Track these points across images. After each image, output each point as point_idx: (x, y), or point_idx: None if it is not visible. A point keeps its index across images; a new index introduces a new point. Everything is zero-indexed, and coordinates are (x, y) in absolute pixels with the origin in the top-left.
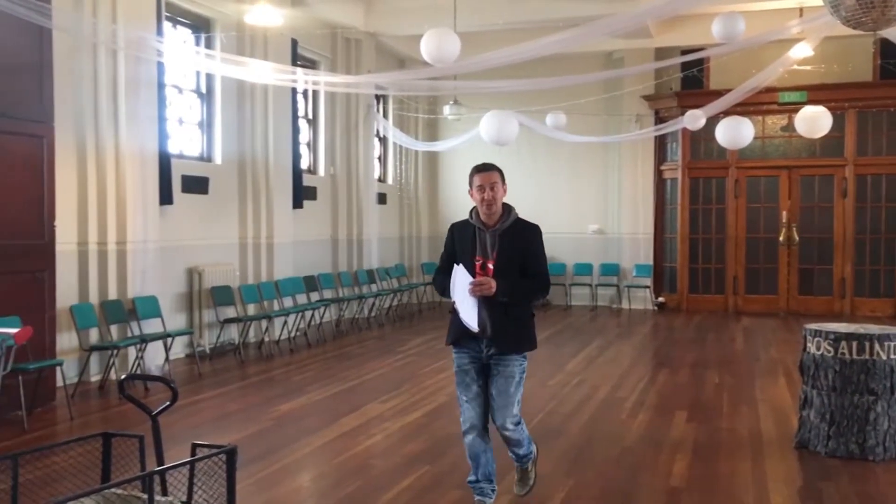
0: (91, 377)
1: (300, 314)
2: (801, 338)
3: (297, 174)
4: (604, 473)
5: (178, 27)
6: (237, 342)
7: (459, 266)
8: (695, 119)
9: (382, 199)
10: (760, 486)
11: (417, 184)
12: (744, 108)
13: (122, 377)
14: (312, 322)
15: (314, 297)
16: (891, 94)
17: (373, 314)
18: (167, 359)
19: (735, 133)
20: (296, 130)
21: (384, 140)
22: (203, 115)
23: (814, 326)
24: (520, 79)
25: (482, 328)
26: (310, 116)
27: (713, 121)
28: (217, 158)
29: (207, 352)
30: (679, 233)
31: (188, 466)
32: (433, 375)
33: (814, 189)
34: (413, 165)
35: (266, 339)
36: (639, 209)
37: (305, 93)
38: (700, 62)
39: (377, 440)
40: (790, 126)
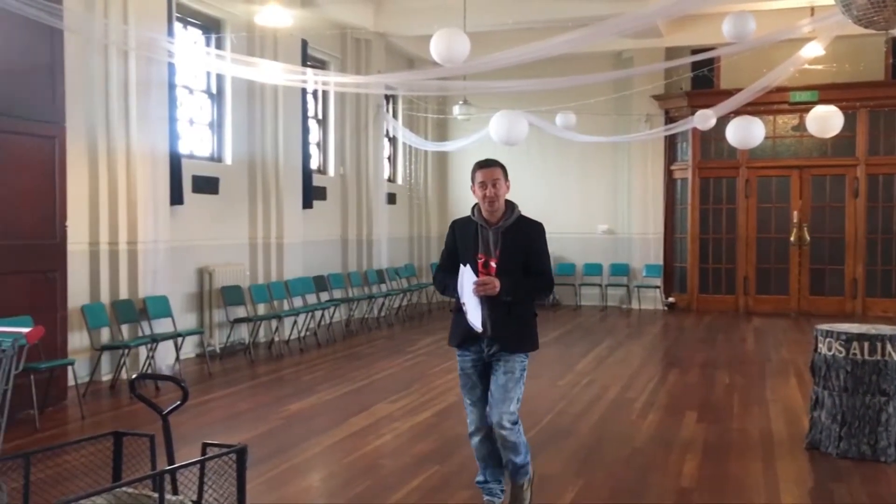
0: (102, 376)
1: (310, 314)
2: (813, 338)
3: (307, 174)
4: (614, 474)
5: (189, 28)
6: (247, 342)
7: (467, 267)
8: (705, 119)
9: (392, 199)
10: (771, 487)
11: (427, 184)
12: (754, 108)
13: (133, 377)
14: (322, 322)
15: (324, 297)
16: None
17: (382, 314)
18: (178, 358)
19: (746, 133)
20: (306, 131)
21: (394, 140)
22: (213, 116)
23: (825, 327)
24: (529, 79)
25: (483, 328)
26: (320, 117)
27: (724, 120)
28: (227, 159)
29: (218, 351)
30: (689, 233)
31: (199, 465)
32: (442, 375)
33: (825, 189)
34: (423, 165)
35: (276, 339)
36: (649, 209)
37: (315, 93)
38: (710, 62)
39: (386, 440)
40: (801, 126)
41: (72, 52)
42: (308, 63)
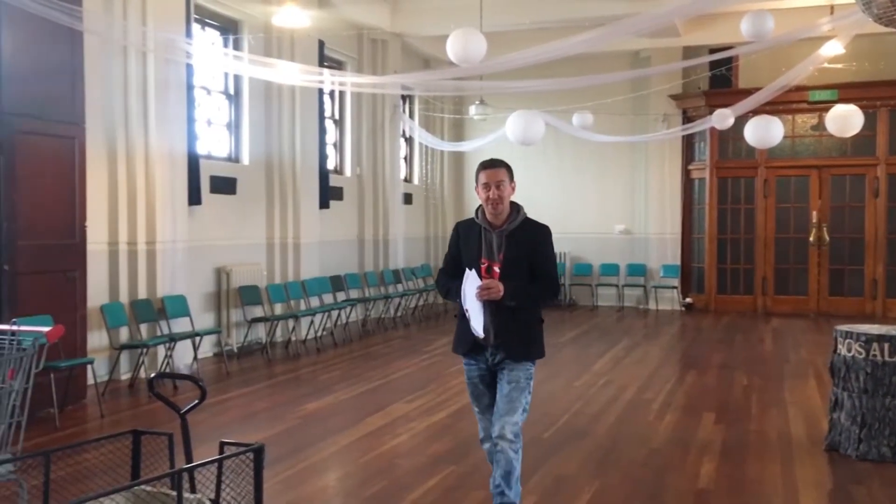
0: (121, 375)
1: (327, 314)
2: (832, 339)
3: (324, 174)
4: (630, 475)
5: (207, 29)
6: (264, 341)
7: (472, 271)
8: (723, 118)
9: (408, 200)
10: (790, 490)
11: (443, 184)
12: (773, 107)
13: (152, 376)
14: (339, 322)
15: (340, 297)
16: None
17: (399, 314)
18: (195, 358)
19: (764, 132)
20: (322, 131)
21: (410, 140)
22: (231, 116)
23: (845, 328)
24: (546, 78)
25: (486, 334)
26: (336, 117)
27: (742, 120)
28: (245, 159)
29: (235, 351)
30: (707, 233)
31: (216, 464)
32: (458, 376)
33: (845, 189)
34: (439, 165)
35: (293, 339)
36: (666, 209)
37: (332, 93)
38: (729, 61)
39: (403, 440)
40: (820, 125)
41: (91, 54)
42: (325, 63)
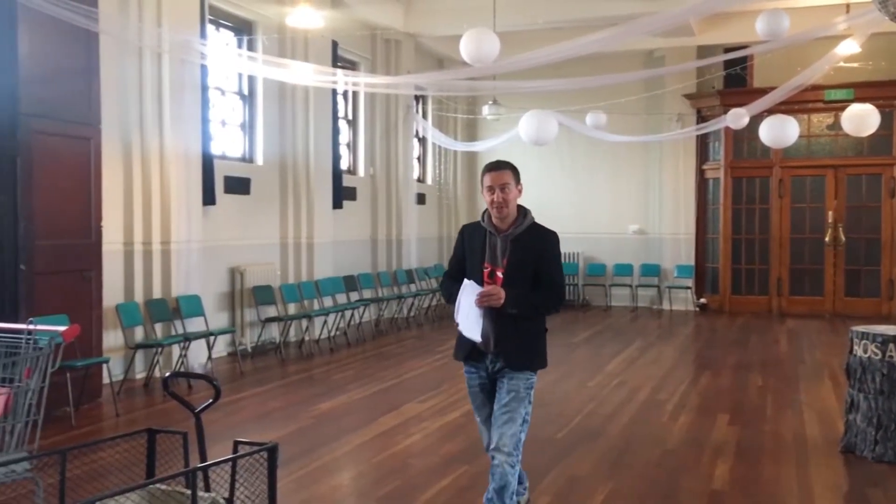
0: (136, 374)
1: (340, 314)
2: (848, 340)
3: (338, 175)
4: (644, 475)
5: (221, 30)
6: (278, 341)
7: (470, 282)
8: (738, 118)
9: (421, 200)
10: (805, 491)
11: (456, 184)
12: (788, 107)
13: (167, 375)
14: (352, 321)
15: (354, 297)
16: None
17: (412, 314)
18: (210, 357)
19: (779, 132)
20: (336, 131)
21: (423, 140)
22: (245, 117)
23: (861, 328)
24: (559, 78)
25: (485, 341)
26: (350, 117)
27: (756, 119)
28: (259, 159)
29: (249, 350)
30: (721, 233)
31: (230, 463)
32: None
33: (861, 188)
34: (452, 166)
35: (306, 339)
36: (680, 209)
37: (345, 94)
38: (743, 60)
39: (416, 440)
40: (836, 124)
41: (107, 55)
42: (338, 64)
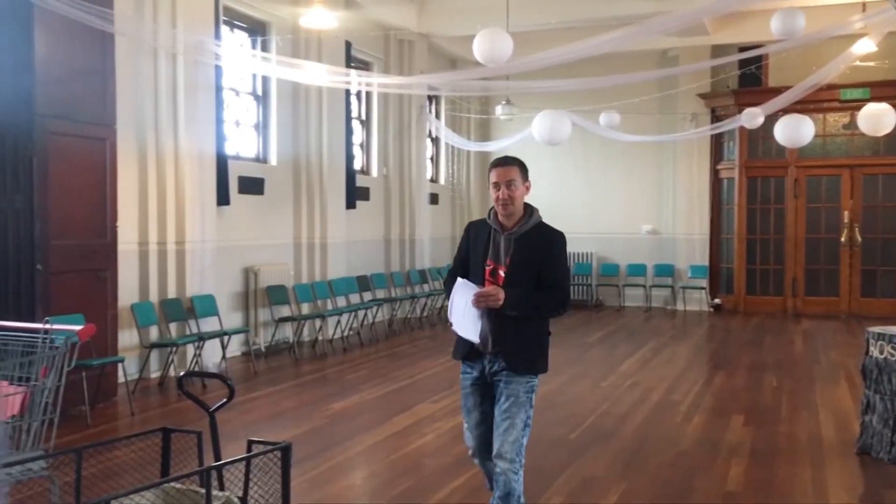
0: (151, 374)
1: (353, 314)
2: (864, 341)
3: (351, 175)
4: (658, 476)
5: (236, 31)
6: (292, 341)
7: (464, 280)
8: (753, 117)
9: (434, 200)
10: (820, 493)
11: (469, 184)
12: (803, 106)
13: (181, 374)
14: (365, 321)
15: (367, 297)
16: None
17: (425, 314)
18: (224, 356)
19: (795, 131)
20: (349, 131)
21: (436, 140)
22: (259, 117)
23: (877, 329)
24: (572, 78)
25: (484, 341)
26: (363, 118)
27: (771, 119)
28: (272, 160)
29: (263, 350)
30: (736, 233)
31: (244, 462)
32: None
33: (877, 188)
34: (465, 166)
35: (320, 338)
36: (694, 209)
37: (359, 94)
38: (758, 59)
39: (429, 440)
40: (852, 124)
41: (122, 56)
42: (351, 64)
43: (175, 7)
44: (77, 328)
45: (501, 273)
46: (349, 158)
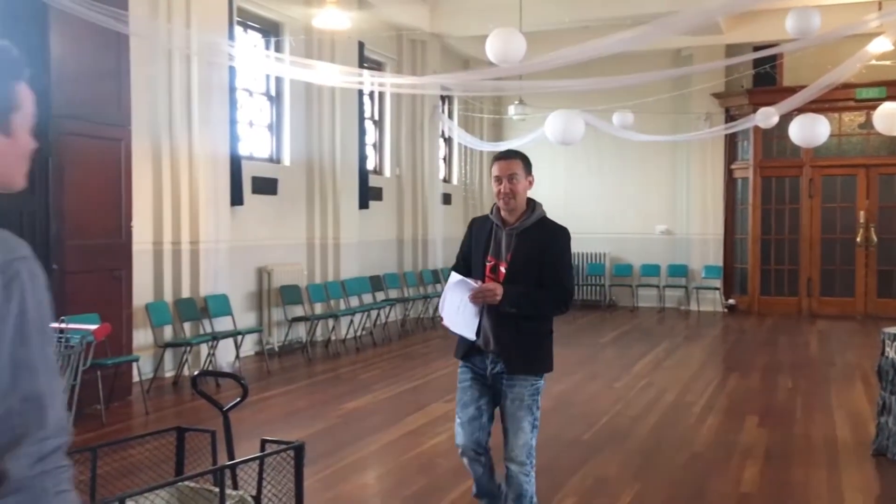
0: (165, 373)
1: (366, 313)
2: (879, 342)
3: (364, 175)
4: (671, 478)
5: (249, 32)
6: (305, 340)
7: (458, 276)
8: (767, 117)
9: (447, 200)
10: (836, 495)
11: (482, 184)
12: (818, 105)
13: (195, 373)
14: (378, 321)
15: (380, 297)
16: None
17: (437, 314)
18: (237, 356)
19: (810, 131)
20: (362, 132)
21: (449, 141)
22: (272, 118)
23: (892, 330)
24: (586, 78)
25: (485, 340)
26: (376, 118)
27: (786, 118)
28: (286, 160)
29: (276, 350)
30: (750, 233)
31: (258, 461)
32: None
33: (893, 188)
34: (478, 166)
35: (333, 338)
36: (708, 209)
37: (372, 94)
38: (773, 58)
39: (442, 439)
40: (868, 123)
41: (137, 57)
42: (364, 65)
43: (189, 8)
44: (92, 327)
45: (502, 269)
46: (362, 158)
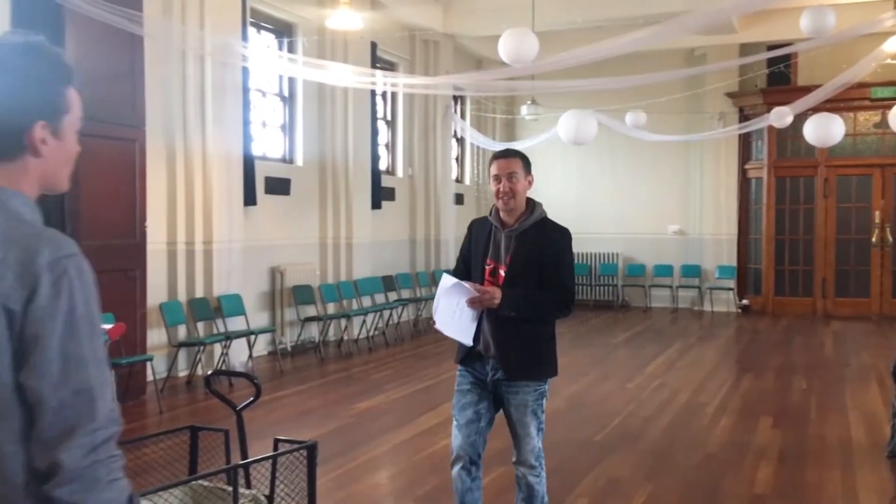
0: (179, 372)
1: (378, 313)
2: (895, 343)
3: (376, 175)
4: (684, 479)
5: (262, 32)
6: (317, 340)
7: (451, 278)
8: (781, 116)
9: (460, 200)
10: (850, 496)
11: None
12: (833, 105)
13: (209, 373)
14: (390, 321)
15: (392, 297)
16: None
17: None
18: (251, 356)
19: (824, 130)
20: (375, 132)
21: (462, 141)
22: (285, 118)
23: None
24: (599, 77)
25: (485, 345)
26: (388, 118)
27: (800, 118)
28: (299, 160)
29: (289, 349)
30: (764, 234)
31: (271, 460)
32: None
33: None
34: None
35: (345, 338)
36: (722, 209)
37: (384, 95)
38: (787, 57)
39: None
40: (883, 122)
41: (151, 58)
42: (377, 65)
43: (203, 9)
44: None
45: (502, 272)
46: (374, 159)
